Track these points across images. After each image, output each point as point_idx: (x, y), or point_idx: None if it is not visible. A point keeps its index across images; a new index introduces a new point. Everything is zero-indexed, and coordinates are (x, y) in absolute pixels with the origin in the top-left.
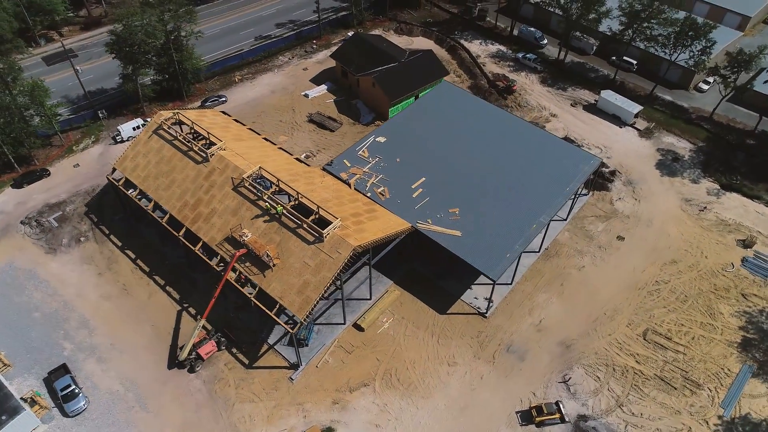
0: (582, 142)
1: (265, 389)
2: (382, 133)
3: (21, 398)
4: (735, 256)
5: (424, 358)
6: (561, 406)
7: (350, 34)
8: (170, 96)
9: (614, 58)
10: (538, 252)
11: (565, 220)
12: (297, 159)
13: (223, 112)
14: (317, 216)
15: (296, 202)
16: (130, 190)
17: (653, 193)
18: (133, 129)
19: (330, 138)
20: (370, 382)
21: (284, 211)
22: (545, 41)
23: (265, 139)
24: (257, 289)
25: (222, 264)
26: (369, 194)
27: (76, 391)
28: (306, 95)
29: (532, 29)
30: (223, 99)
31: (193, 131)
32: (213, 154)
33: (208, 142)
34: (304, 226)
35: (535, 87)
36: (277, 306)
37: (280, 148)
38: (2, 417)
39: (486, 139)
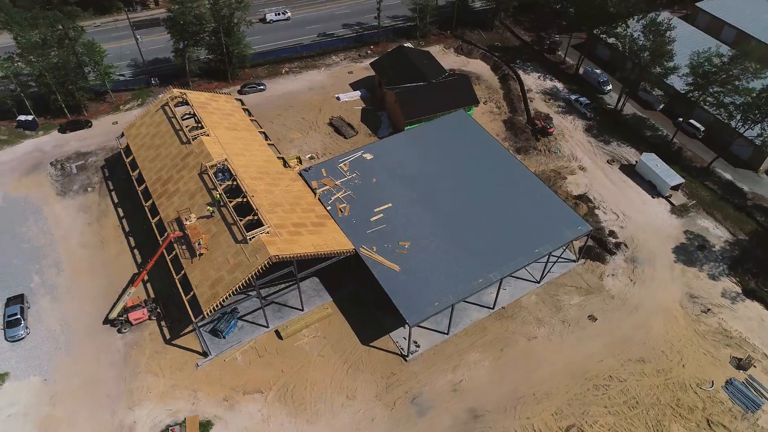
0: (599, 204)
1: (172, 367)
2: (372, 151)
3: None
4: (720, 374)
5: (326, 383)
6: None
7: (408, 45)
8: (217, 76)
9: (680, 119)
10: (492, 309)
11: (538, 282)
12: (283, 159)
13: (239, 101)
14: (255, 218)
15: (244, 200)
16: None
17: (655, 278)
18: None
19: (341, 144)
20: (266, 390)
21: (227, 205)
22: (609, 87)
23: (261, 132)
24: (182, 272)
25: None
26: (329, 208)
27: (20, 320)
28: (338, 98)
29: (598, 71)
30: (262, 87)
31: (193, 112)
32: (195, 138)
33: (200, 125)
34: (237, 224)
35: (576, 134)
36: (191, 293)
37: (271, 145)
38: None
39: (474, 180)
